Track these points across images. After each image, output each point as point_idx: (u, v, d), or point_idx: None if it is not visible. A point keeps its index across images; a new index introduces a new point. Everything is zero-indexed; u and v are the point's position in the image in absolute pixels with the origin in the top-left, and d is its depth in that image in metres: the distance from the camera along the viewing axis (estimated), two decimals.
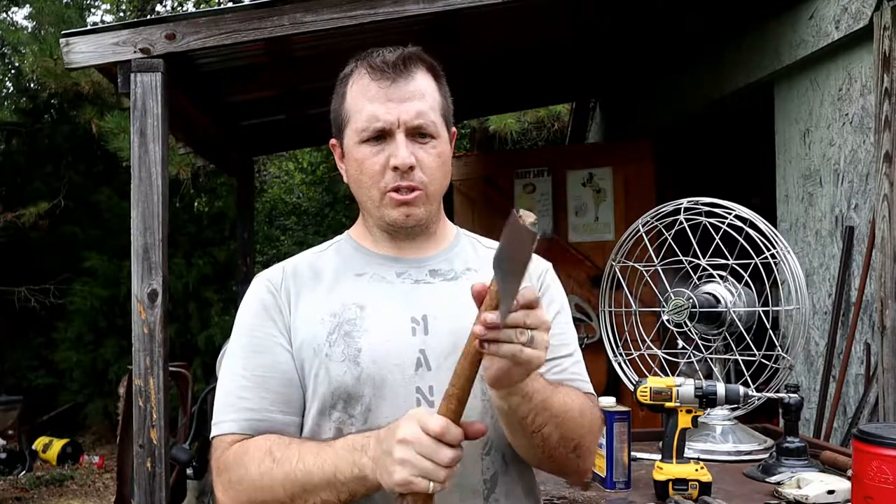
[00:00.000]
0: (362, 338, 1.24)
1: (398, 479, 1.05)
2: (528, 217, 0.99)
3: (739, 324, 2.26)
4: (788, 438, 2.01)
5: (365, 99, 1.26)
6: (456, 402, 1.07)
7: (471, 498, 1.23)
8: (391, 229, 1.31)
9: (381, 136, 1.26)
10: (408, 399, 1.22)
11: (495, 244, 1.42)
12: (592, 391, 1.37)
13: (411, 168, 1.25)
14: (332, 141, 1.36)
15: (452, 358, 1.24)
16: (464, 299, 1.27)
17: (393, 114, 1.24)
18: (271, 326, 1.29)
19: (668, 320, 2.31)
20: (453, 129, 1.36)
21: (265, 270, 1.37)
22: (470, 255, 1.37)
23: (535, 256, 1.42)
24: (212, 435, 1.28)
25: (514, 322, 1.04)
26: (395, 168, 1.24)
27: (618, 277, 2.45)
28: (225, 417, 1.26)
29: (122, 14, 8.91)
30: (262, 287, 1.33)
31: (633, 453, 2.01)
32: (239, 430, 1.25)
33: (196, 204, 8.26)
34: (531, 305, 1.04)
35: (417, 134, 1.26)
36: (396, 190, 1.26)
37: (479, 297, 1.06)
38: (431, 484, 1.04)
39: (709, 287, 2.33)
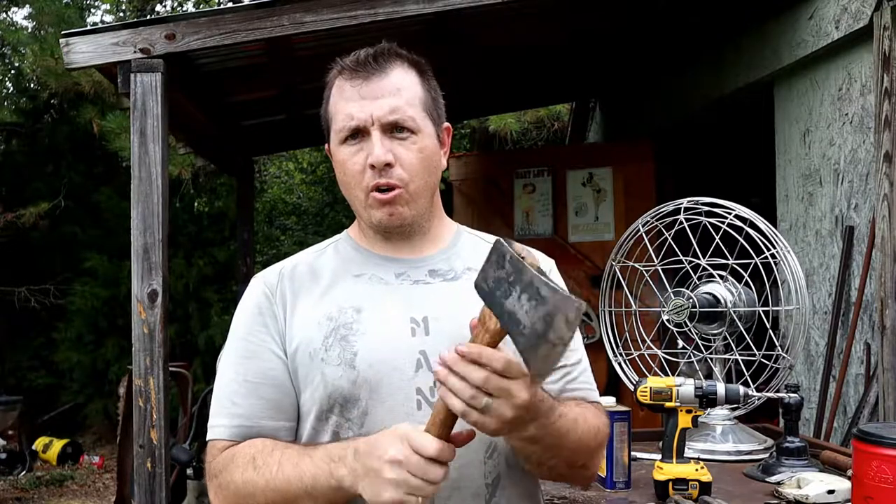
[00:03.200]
0: (359, 341, 1.24)
1: (388, 498, 1.05)
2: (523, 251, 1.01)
3: (739, 324, 2.26)
4: (788, 438, 2.01)
5: (341, 99, 1.27)
6: (446, 416, 1.06)
7: (472, 501, 1.22)
8: (379, 230, 1.30)
9: (358, 134, 1.25)
10: (407, 401, 1.22)
11: (492, 237, 1.42)
12: (599, 398, 1.38)
13: (389, 165, 1.23)
14: (327, 147, 1.36)
15: None
16: (464, 300, 1.27)
17: (366, 111, 1.24)
18: (264, 332, 1.28)
19: (668, 320, 2.31)
20: (446, 124, 1.34)
21: (263, 271, 1.36)
22: (470, 254, 1.36)
23: (539, 253, 1.43)
24: (207, 437, 1.29)
25: (470, 379, 1.02)
26: (373, 166, 1.23)
27: (618, 277, 2.45)
28: (217, 422, 1.27)
29: (122, 14, 8.91)
30: (259, 290, 1.32)
31: (633, 453, 2.01)
32: (229, 436, 1.25)
33: (196, 204, 8.26)
34: (504, 372, 1.02)
35: (395, 129, 1.25)
36: (377, 189, 1.25)
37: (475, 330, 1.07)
38: (419, 500, 1.05)
39: (709, 287, 2.33)
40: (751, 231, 2.21)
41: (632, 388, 2.02)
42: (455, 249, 1.36)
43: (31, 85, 8.56)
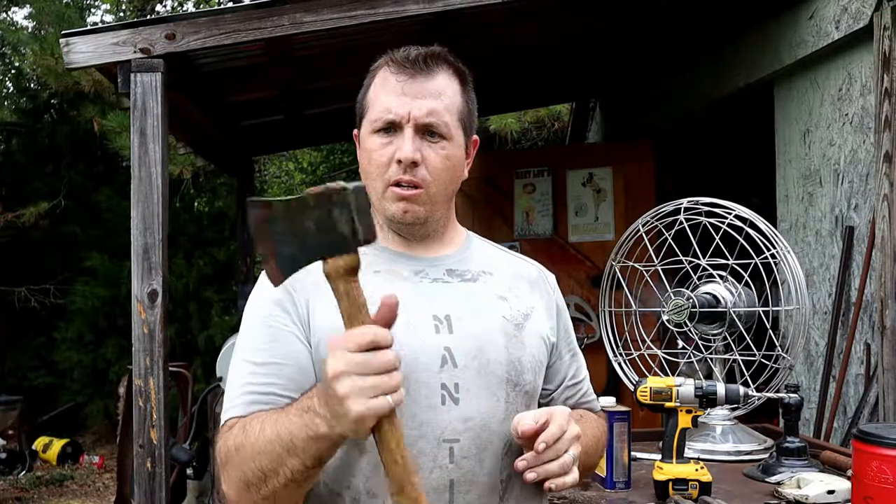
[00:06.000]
0: None
1: (354, 416, 0.98)
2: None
3: (739, 324, 2.26)
4: (788, 438, 2.01)
5: (382, 91, 1.28)
6: (350, 306, 1.03)
7: (488, 495, 1.23)
8: (392, 225, 1.31)
9: (392, 128, 1.26)
10: (431, 395, 1.21)
11: (502, 248, 1.44)
12: (599, 405, 1.44)
13: (415, 164, 1.25)
14: (355, 132, 1.37)
15: (479, 359, 1.24)
16: (482, 301, 1.29)
17: (405, 108, 1.25)
18: (287, 317, 1.25)
19: (668, 320, 2.31)
20: (475, 137, 1.36)
21: None
22: (483, 257, 1.38)
23: (539, 266, 1.46)
24: (221, 422, 1.25)
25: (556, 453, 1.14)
26: (399, 161, 1.25)
27: (618, 277, 2.45)
28: (231, 404, 1.22)
29: (122, 14, 8.92)
30: None
31: (633, 453, 2.01)
32: (242, 413, 1.20)
33: (196, 204, 8.26)
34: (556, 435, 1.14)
35: (427, 132, 1.26)
36: (398, 184, 1.26)
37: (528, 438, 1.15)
38: (389, 398, 0.98)
39: (709, 287, 2.33)
40: (751, 231, 2.21)
41: (632, 388, 2.02)
42: (469, 252, 1.37)
43: (31, 85, 8.56)
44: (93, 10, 9.27)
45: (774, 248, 2.22)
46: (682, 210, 2.30)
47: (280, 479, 1.10)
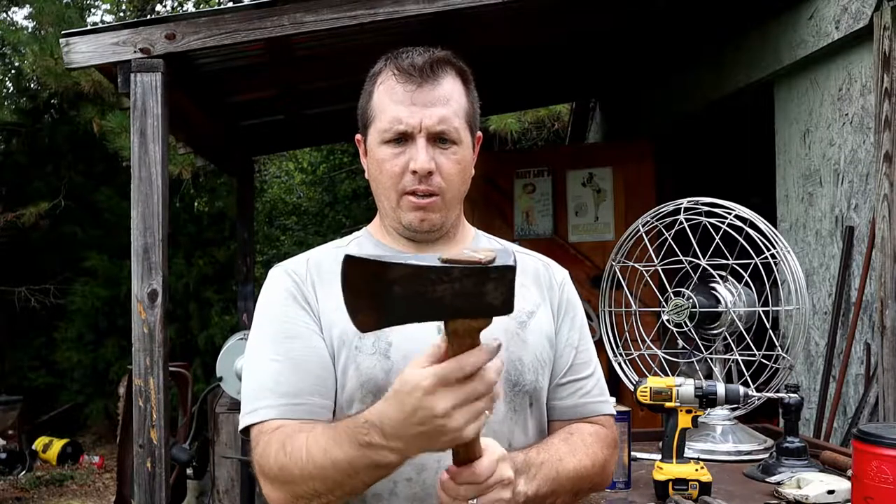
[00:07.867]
0: (392, 332, 1.22)
1: (448, 443, 1.00)
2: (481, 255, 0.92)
3: (739, 324, 2.26)
4: (788, 438, 2.01)
5: (390, 100, 1.27)
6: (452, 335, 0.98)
7: None
8: (406, 232, 1.31)
9: (403, 138, 1.26)
10: None
11: (510, 244, 1.43)
12: (611, 409, 1.40)
13: (430, 173, 1.25)
14: (357, 136, 1.37)
15: None
16: None
17: (416, 118, 1.25)
18: (303, 313, 1.27)
19: (668, 320, 2.31)
20: (478, 133, 1.36)
21: (285, 262, 1.36)
22: None
23: (547, 261, 1.44)
24: (245, 424, 1.24)
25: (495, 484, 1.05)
26: (414, 172, 1.25)
27: (618, 277, 2.45)
28: (261, 404, 1.22)
29: (122, 14, 8.92)
30: (286, 277, 1.31)
31: (633, 453, 2.02)
32: (278, 415, 1.20)
33: (196, 204, 8.26)
34: (493, 478, 1.05)
35: (439, 139, 1.27)
36: (413, 193, 1.27)
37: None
38: (473, 427, 0.98)
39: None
40: (751, 231, 2.21)
41: (632, 388, 2.02)
42: None
43: (31, 85, 8.56)
44: (93, 10, 9.27)
45: (774, 248, 2.22)
46: (682, 210, 2.30)
47: (337, 494, 1.13)
